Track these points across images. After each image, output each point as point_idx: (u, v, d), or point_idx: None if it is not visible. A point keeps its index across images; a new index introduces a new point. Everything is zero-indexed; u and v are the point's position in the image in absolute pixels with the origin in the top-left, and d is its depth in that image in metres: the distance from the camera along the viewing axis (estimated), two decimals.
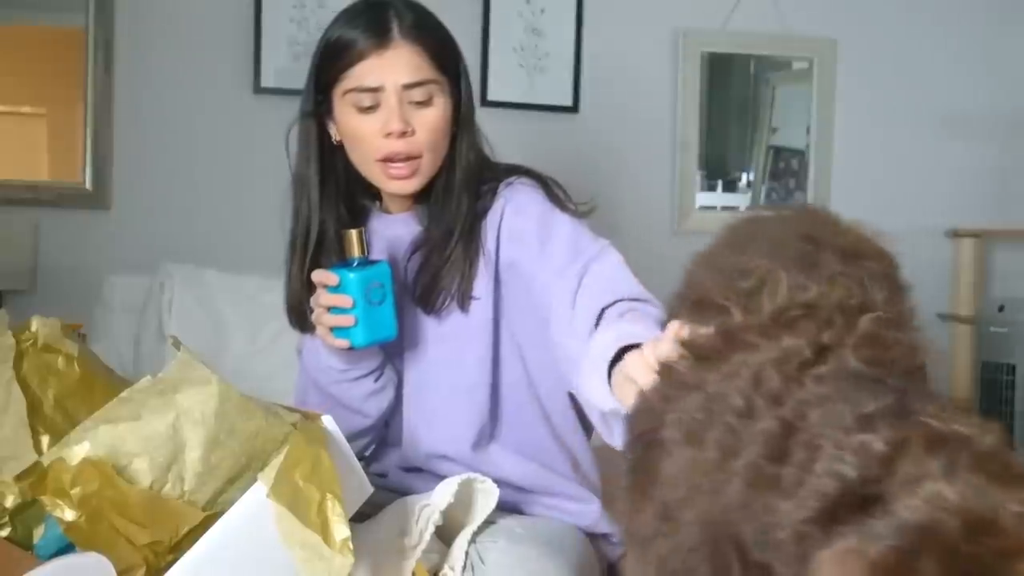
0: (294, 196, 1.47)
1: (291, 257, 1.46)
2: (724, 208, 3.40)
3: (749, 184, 3.42)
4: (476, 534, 1.27)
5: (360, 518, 1.34)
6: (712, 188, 3.38)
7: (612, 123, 3.25)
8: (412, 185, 1.41)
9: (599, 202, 1.57)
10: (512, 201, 1.41)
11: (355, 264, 1.32)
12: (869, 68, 3.45)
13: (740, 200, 3.41)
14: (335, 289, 1.31)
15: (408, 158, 1.37)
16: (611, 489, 1.38)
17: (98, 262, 2.86)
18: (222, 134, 3.00)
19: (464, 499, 1.28)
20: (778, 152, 3.44)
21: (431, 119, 1.37)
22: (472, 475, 1.29)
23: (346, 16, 1.39)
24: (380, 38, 1.35)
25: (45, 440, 1.18)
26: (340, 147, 1.44)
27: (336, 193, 1.45)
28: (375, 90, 1.35)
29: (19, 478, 1.09)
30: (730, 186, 3.40)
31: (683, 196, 3.32)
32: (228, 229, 2.99)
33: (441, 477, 1.33)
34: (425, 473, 1.46)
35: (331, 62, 1.38)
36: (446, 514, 1.25)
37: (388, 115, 1.35)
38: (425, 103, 1.37)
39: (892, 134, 3.49)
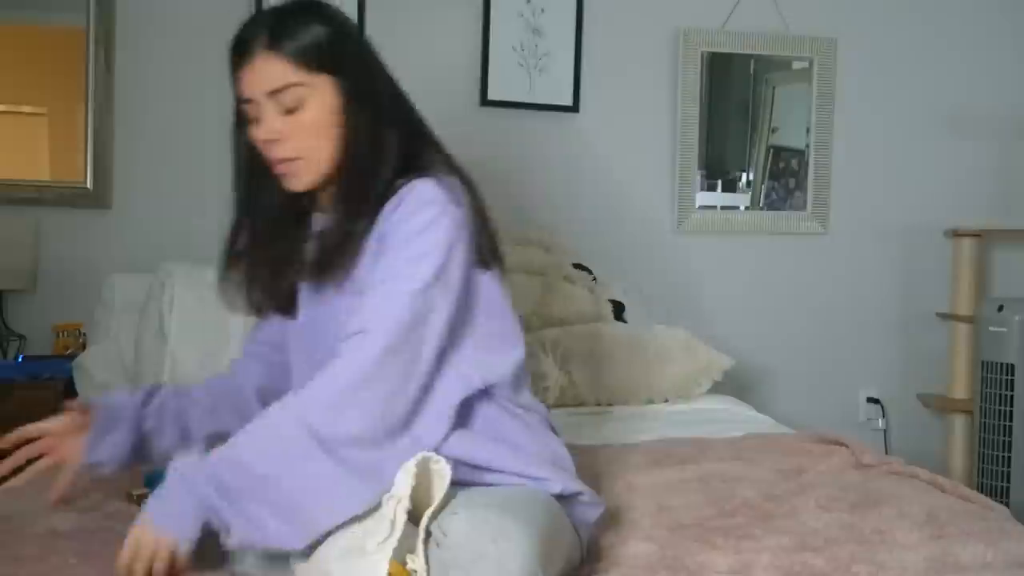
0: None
1: None
2: (724, 208, 3.40)
3: (749, 184, 3.42)
4: (437, 512, 1.26)
5: None
6: (712, 188, 3.38)
7: (612, 123, 3.26)
8: (301, 183, 1.46)
9: (599, 202, 1.58)
10: (404, 201, 1.40)
11: None
12: (869, 68, 3.45)
13: (740, 200, 3.41)
14: None
15: (285, 160, 1.44)
16: None
17: (98, 262, 2.86)
18: (222, 134, 3.00)
19: (424, 480, 1.27)
20: (778, 152, 3.44)
21: (303, 122, 1.42)
22: (427, 454, 1.28)
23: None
24: (243, 53, 1.44)
25: None
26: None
27: (267, 199, 1.54)
28: (250, 101, 1.45)
29: None
30: (730, 186, 3.40)
31: (683, 196, 3.32)
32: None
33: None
34: None
35: (231, 77, 1.49)
36: (413, 498, 1.24)
37: (259, 125, 1.44)
38: (295, 108, 1.42)
39: (892, 134, 3.50)
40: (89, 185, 2.90)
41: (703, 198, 3.36)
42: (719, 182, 3.39)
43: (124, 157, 2.94)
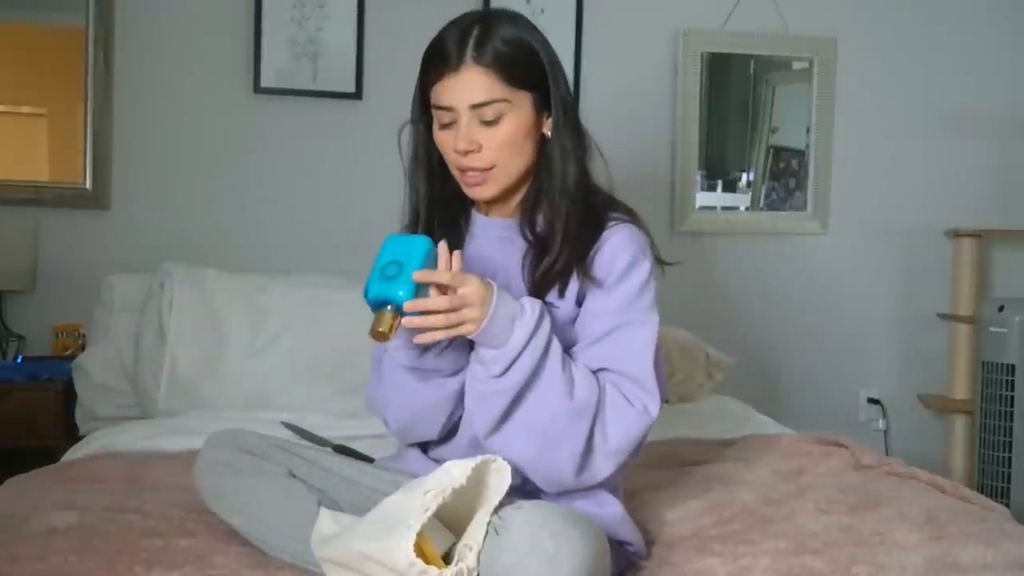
0: (407, 194, 1.58)
1: None
2: (724, 208, 3.40)
3: (749, 184, 3.42)
4: (497, 508, 1.28)
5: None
6: (712, 188, 3.38)
7: (612, 123, 3.24)
8: (486, 192, 1.49)
9: None
10: (610, 240, 1.49)
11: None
12: (869, 68, 3.45)
13: (740, 200, 3.41)
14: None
15: (477, 169, 1.47)
16: None
17: (98, 262, 2.86)
18: (222, 134, 3.01)
19: (473, 485, 1.29)
20: (778, 152, 3.44)
21: (499, 136, 1.45)
22: (485, 456, 1.30)
23: (439, 33, 1.48)
24: (454, 61, 1.43)
25: None
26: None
27: (441, 193, 1.55)
28: (449, 109, 1.45)
29: None
30: (730, 186, 3.40)
31: (683, 196, 3.32)
32: (228, 229, 2.99)
33: None
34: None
35: (423, 77, 1.49)
36: (457, 495, 1.25)
37: (457, 133, 1.45)
38: (494, 121, 1.45)
39: (892, 134, 3.49)
40: (88, 186, 2.90)
41: (703, 198, 3.36)
42: (719, 182, 3.39)
43: (123, 158, 2.94)
